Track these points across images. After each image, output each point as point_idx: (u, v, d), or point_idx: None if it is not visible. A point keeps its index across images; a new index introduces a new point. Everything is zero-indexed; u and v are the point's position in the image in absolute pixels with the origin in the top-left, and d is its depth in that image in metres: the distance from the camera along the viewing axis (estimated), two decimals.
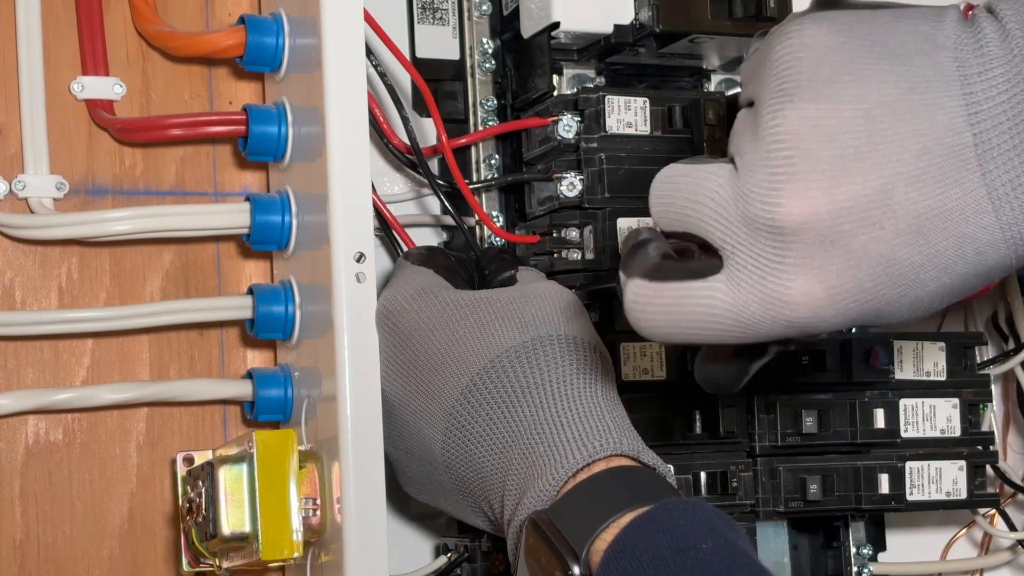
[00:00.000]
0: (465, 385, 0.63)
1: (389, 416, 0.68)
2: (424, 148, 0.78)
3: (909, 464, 0.81)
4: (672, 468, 0.62)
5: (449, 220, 0.80)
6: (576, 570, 0.54)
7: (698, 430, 0.76)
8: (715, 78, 0.85)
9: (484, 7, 0.82)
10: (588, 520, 0.55)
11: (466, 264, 0.74)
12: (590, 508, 0.56)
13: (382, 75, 0.74)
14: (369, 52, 0.71)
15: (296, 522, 0.68)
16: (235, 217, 0.74)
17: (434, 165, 0.81)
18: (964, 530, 0.96)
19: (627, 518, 0.55)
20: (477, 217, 0.79)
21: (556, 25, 0.77)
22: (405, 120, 0.75)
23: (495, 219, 0.81)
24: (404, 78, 0.81)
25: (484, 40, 0.82)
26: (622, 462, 0.59)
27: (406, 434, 0.67)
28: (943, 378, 0.83)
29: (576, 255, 0.76)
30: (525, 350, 0.63)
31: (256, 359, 0.80)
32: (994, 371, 0.88)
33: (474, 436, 0.63)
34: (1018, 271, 0.90)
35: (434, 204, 0.82)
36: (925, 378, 0.82)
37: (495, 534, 0.66)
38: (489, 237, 0.80)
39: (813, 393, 0.79)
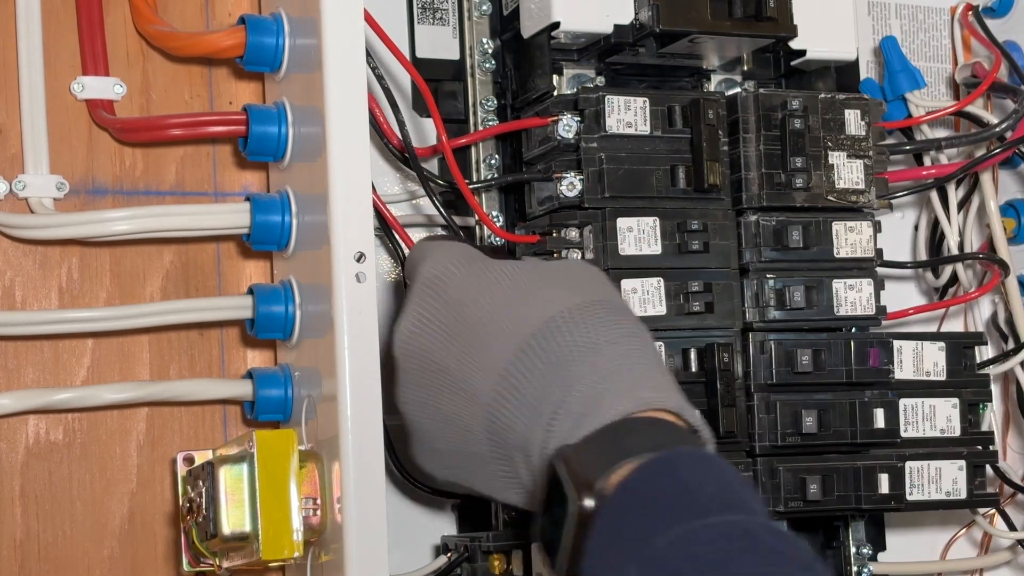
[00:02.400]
0: (519, 346, 0.63)
1: (427, 381, 0.66)
2: (425, 148, 0.78)
3: (909, 464, 0.81)
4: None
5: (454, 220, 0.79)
6: (589, 502, 0.55)
7: None
8: (715, 78, 0.85)
9: (484, 7, 0.82)
10: (608, 456, 0.56)
11: None
12: (613, 446, 0.57)
13: (379, 77, 0.74)
14: (368, 54, 0.71)
15: (296, 522, 0.68)
16: (235, 217, 0.74)
17: (435, 165, 0.81)
18: (964, 530, 0.96)
19: (643, 458, 0.56)
20: (477, 217, 0.79)
21: (556, 25, 0.77)
22: (401, 123, 0.75)
23: (495, 219, 0.81)
24: (404, 78, 0.81)
25: (484, 40, 0.82)
26: (663, 416, 0.59)
27: (446, 398, 0.66)
28: (943, 378, 0.83)
29: (576, 255, 0.76)
30: (580, 312, 0.63)
31: (256, 359, 0.80)
32: (994, 371, 0.88)
33: (525, 394, 0.62)
34: (1018, 276, 0.91)
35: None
36: (925, 378, 0.82)
37: (522, 507, 0.65)
38: (489, 237, 0.80)
39: (813, 393, 0.79)
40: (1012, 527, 0.93)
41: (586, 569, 0.55)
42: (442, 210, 0.77)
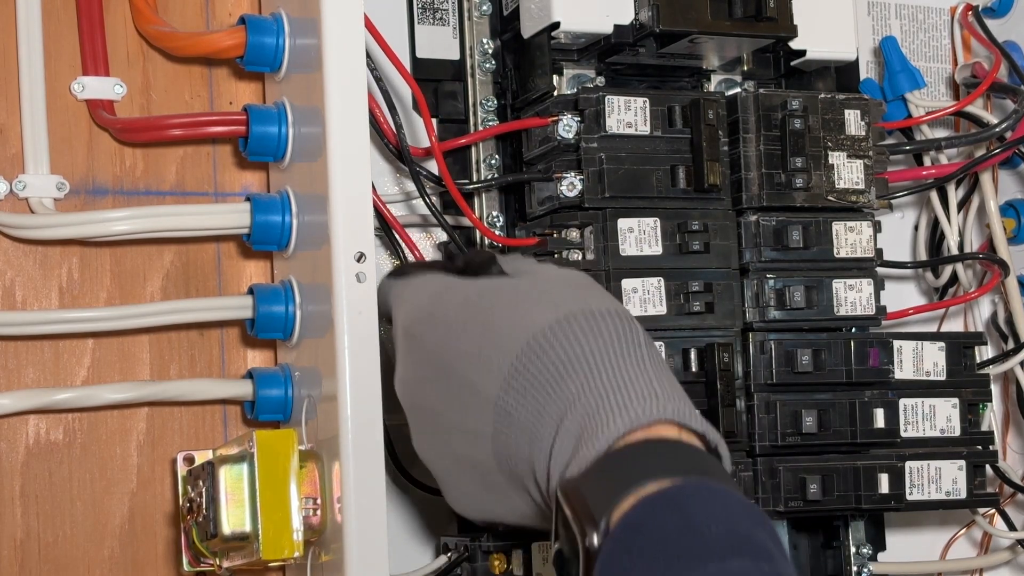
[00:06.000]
0: (507, 372, 0.61)
1: (433, 428, 0.66)
2: (421, 149, 0.78)
3: (909, 464, 0.81)
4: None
5: (451, 220, 0.79)
6: (594, 539, 0.53)
7: None
8: (715, 78, 0.85)
9: (484, 7, 0.82)
10: (612, 490, 0.54)
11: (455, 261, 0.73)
12: (616, 478, 0.55)
13: (378, 79, 0.74)
14: (367, 56, 0.71)
15: (296, 522, 0.68)
16: (235, 217, 0.74)
17: (435, 166, 0.81)
18: (964, 530, 0.96)
19: (647, 490, 0.54)
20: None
21: (556, 25, 0.77)
22: (399, 126, 0.75)
23: (496, 219, 0.81)
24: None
25: (484, 40, 0.82)
26: (666, 430, 0.57)
27: (454, 440, 0.65)
28: (943, 378, 0.83)
29: (577, 255, 0.76)
30: (560, 327, 0.61)
31: (256, 359, 0.80)
32: (994, 371, 0.88)
33: (522, 421, 0.61)
34: (1018, 276, 0.91)
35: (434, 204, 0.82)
36: (925, 378, 0.82)
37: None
38: (485, 239, 0.80)
39: (813, 393, 0.79)
40: (1012, 527, 0.93)
41: None
42: (437, 211, 0.76)
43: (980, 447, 0.84)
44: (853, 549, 0.87)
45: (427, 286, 0.68)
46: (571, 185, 0.76)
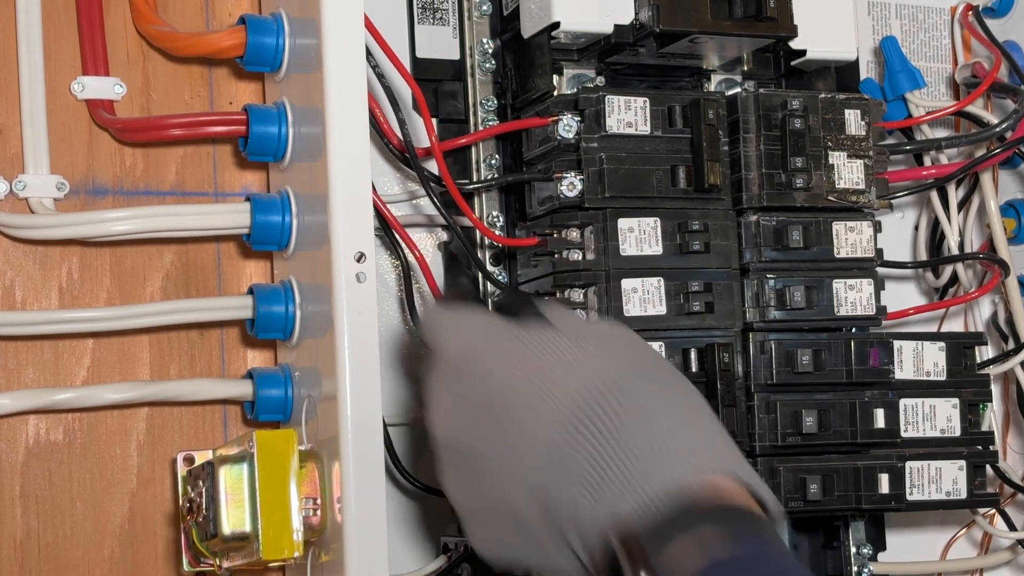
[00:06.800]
0: (565, 420, 0.60)
1: (469, 468, 0.63)
2: (423, 148, 0.78)
3: (909, 464, 0.81)
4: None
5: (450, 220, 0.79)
6: None
7: None
8: (715, 78, 0.85)
9: (484, 7, 0.82)
10: (681, 553, 0.54)
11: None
12: (679, 536, 0.54)
13: (380, 76, 0.74)
14: (368, 53, 0.71)
15: (296, 522, 0.68)
16: (235, 217, 0.74)
17: (436, 166, 0.81)
18: (964, 530, 0.96)
19: (717, 552, 0.53)
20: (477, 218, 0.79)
21: (556, 25, 0.77)
22: (401, 122, 0.75)
23: (496, 219, 0.81)
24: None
25: (484, 40, 0.82)
26: (725, 482, 0.57)
27: (492, 482, 0.63)
28: (943, 378, 0.83)
29: (577, 255, 0.76)
30: (625, 379, 0.60)
31: (256, 359, 0.80)
32: (994, 371, 0.88)
33: (577, 467, 0.59)
34: (1019, 276, 0.91)
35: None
36: (925, 378, 0.82)
37: None
38: (485, 239, 0.80)
39: (813, 393, 0.79)
40: (1012, 527, 0.93)
41: None
42: (443, 212, 0.77)
43: (980, 447, 0.84)
44: (853, 549, 0.87)
45: (476, 319, 0.67)
46: (571, 185, 0.76)
